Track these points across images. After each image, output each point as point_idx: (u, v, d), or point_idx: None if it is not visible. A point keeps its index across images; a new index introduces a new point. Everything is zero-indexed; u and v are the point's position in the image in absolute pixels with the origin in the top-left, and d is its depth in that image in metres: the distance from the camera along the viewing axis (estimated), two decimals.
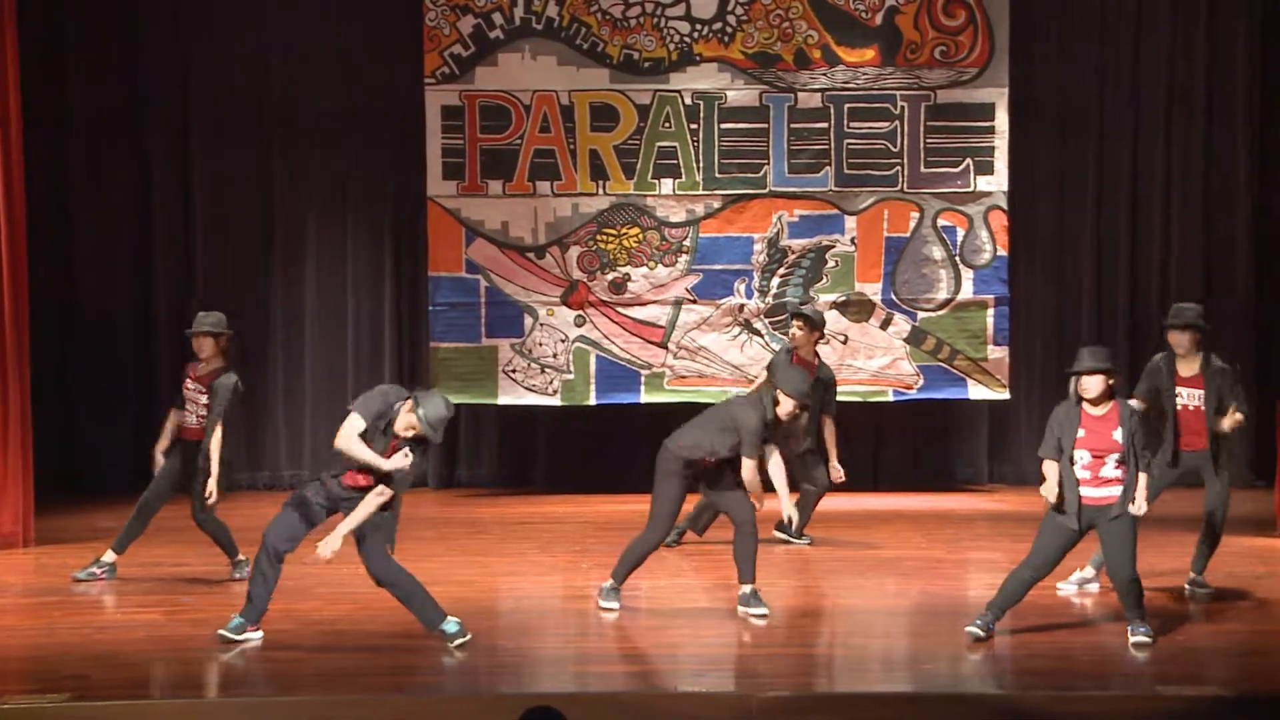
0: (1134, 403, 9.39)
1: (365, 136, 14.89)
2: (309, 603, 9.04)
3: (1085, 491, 8.48)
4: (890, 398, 14.45)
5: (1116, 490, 8.44)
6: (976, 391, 14.40)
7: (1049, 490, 8.47)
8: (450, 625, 8.50)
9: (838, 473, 11.38)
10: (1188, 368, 9.74)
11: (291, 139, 14.85)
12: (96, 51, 14.66)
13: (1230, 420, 9.68)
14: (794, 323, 11.63)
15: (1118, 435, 8.42)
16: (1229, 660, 8.36)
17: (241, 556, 10.39)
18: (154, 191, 14.79)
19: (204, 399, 10.30)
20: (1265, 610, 9.50)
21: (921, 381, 14.37)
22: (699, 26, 14.30)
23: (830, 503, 11.91)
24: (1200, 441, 9.66)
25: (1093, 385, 8.43)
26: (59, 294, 14.33)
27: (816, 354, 11.70)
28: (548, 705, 5.51)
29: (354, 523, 8.36)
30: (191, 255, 14.85)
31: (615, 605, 9.31)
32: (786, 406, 9.13)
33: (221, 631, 8.54)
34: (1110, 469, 8.43)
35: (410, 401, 8.33)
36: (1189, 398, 9.70)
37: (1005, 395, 14.42)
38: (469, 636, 8.47)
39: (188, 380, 10.40)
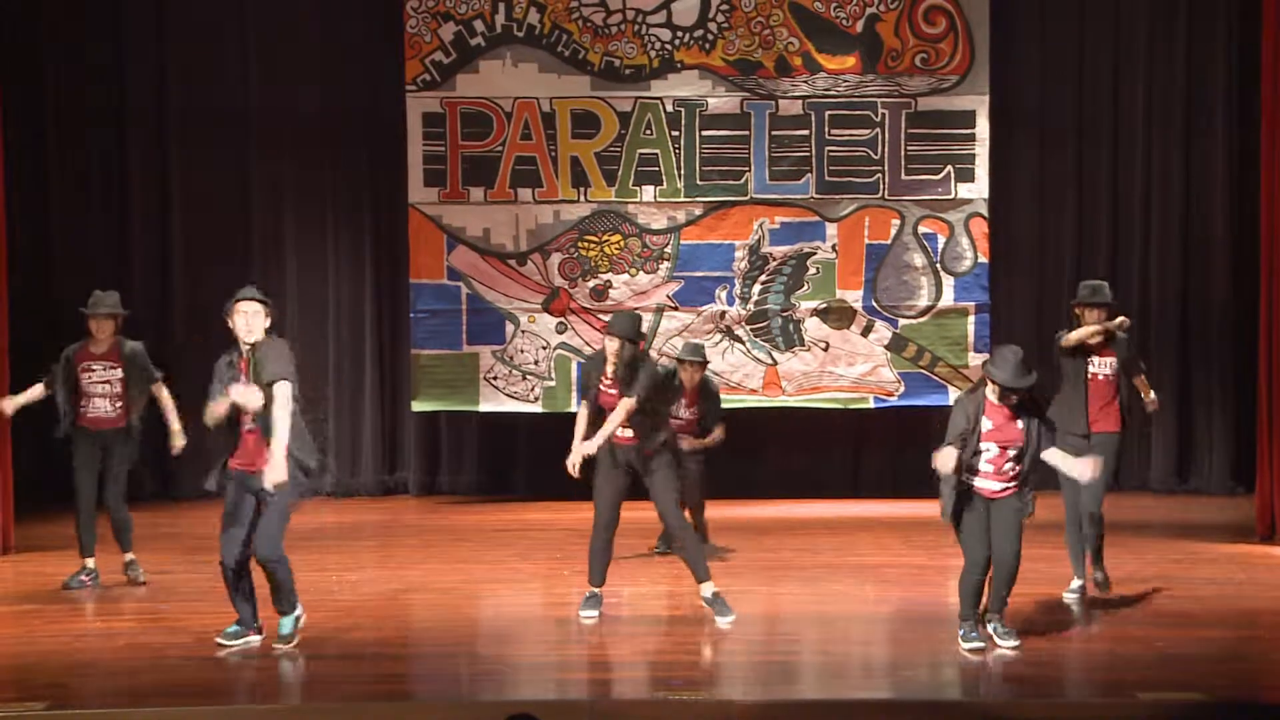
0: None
1: (346, 143, 14.88)
2: None
3: (986, 484, 8.44)
4: (871, 404, 14.48)
5: (1012, 485, 8.44)
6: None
7: (946, 461, 8.36)
8: (287, 625, 8.48)
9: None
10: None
11: (272, 144, 14.82)
12: (78, 51, 14.62)
13: (1151, 401, 10.20)
14: (687, 369, 11.27)
15: (1020, 424, 8.42)
16: (1209, 666, 8.36)
17: (132, 556, 10.46)
18: (133, 197, 14.77)
19: (118, 373, 10.26)
20: (1245, 615, 9.51)
21: (902, 388, 14.40)
22: (680, 34, 14.32)
23: (811, 509, 11.93)
24: (1109, 424, 9.68)
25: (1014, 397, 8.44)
26: (38, 299, 14.26)
27: (694, 381, 11.41)
28: (528, 712, 5.50)
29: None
30: (171, 262, 14.81)
31: (595, 613, 9.32)
32: (612, 346, 9.13)
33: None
34: (1011, 464, 8.42)
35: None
36: (1100, 365, 9.81)
37: None
38: (291, 645, 8.45)
39: (88, 365, 10.25)
